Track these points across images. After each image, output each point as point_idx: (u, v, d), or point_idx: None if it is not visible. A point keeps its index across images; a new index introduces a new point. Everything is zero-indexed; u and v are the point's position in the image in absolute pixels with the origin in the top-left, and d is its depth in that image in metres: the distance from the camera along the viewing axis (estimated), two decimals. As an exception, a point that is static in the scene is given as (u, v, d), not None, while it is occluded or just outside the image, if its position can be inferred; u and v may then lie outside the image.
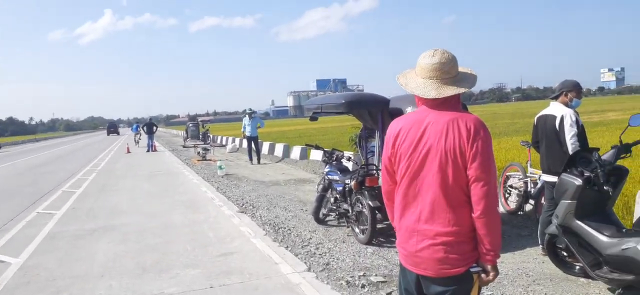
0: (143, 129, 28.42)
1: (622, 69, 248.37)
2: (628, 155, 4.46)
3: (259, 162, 17.15)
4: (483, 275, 2.17)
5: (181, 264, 5.55)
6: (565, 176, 4.27)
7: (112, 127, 78.46)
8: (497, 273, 2.18)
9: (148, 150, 26.45)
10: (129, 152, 26.75)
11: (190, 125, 34.73)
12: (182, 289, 4.76)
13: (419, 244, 2.17)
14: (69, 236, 7.20)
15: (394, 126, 2.30)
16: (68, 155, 29.21)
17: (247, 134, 17.36)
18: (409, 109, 5.95)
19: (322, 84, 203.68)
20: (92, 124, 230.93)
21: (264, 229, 6.99)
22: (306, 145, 9.04)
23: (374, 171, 6.44)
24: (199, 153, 20.26)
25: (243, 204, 9.06)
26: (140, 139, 31.35)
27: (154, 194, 11.05)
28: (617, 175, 4.19)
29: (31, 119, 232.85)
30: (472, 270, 2.16)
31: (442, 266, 2.13)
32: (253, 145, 17.42)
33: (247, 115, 17.69)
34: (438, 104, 2.19)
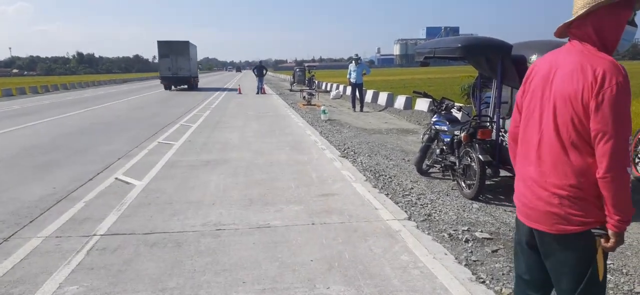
0: (254, 72, 29.64)
1: None
2: None
3: (362, 110, 17.06)
4: (603, 240, 1.91)
5: (285, 200, 5.74)
6: None
7: (238, 68, 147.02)
8: (619, 241, 1.89)
9: (258, 93, 27.65)
10: (240, 93, 28.22)
11: (297, 70, 35.45)
12: (285, 222, 4.93)
13: (533, 195, 2.01)
14: (185, 166, 7.80)
15: (535, 62, 2.13)
16: (186, 92, 31.52)
17: (352, 80, 17.25)
18: (533, 57, 5.39)
19: (432, 32, 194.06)
20: (207, 65, 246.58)
21: (364, 175, 6.97)
22: (414, 92, 8.72)
23: (488, 123, 6.03)
24: (304, 97, 20.69)
25: (345, 149, 9.10)
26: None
27: (262, 133, 11.54)
28: None
29: (154, 57, 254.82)
30: (593, 232, 1.91)
31: (557, 221, 1.94)
32: (357, 93, 17.33)
33: (353, 62, 17.54)
34: (578, 43, 1.94)
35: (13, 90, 33.52)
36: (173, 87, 33.85)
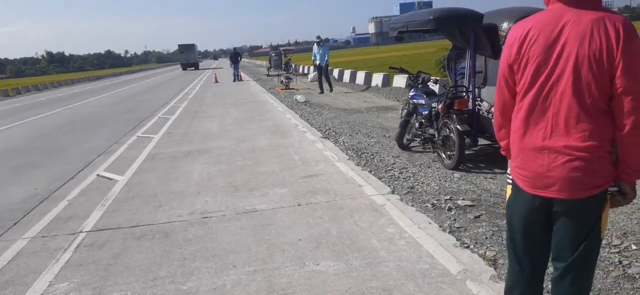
0: (229, 60, 29.35)
1: None
2: None
3: (331, 91, 16.86)
4: (619, 196, 1.97)
5: (270, 184, 5.78)
6: None
7: (215, 57, 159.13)
8: (635, 195, 1.96)
9: (234, 80, 27.40)
10: (217, 81, 27.92)
11: (273, 55, 35.28)
12: (271, 205, 4.98)
13: (552, 163, 1.93)
14: (167, 158, 7.76)
15: (520, 28, 2.01)
16: (161, 85, 31.08)
17: (317, 62, 17.03)
18: (505, 25, 5.50)
19: (406, 8, 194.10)
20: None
21: (347, 154, 7.04)
22: (390, 68, 8.78)
23: (464, 93, 6.14)
24: (282, 82, 20.61)
25: (326, 130, 9.15)
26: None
27: (242, 120, 11.50)
28: None
29: (126, 51, 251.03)
30: (610, 190, 1.96)
31: (578, 186, 1.90)
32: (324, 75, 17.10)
33: (315, 44, 17.31)
34: (577, 1, 1.90)
35: (-18, 95, 32.55)
36: (187, 69, 59.17)
